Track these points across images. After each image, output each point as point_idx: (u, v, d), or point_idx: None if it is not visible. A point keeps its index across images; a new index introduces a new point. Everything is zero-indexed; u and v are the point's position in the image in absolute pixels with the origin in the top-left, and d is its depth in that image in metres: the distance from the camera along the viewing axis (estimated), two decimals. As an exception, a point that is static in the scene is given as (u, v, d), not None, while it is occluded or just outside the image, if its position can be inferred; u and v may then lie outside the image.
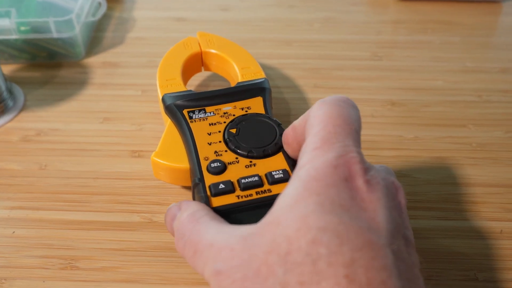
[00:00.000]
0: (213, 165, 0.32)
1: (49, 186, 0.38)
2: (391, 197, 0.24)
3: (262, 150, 0.32)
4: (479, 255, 0.32)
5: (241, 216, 0.29)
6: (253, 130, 0.34)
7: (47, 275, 0.32)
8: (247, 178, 0.31)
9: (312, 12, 0.59)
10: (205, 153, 0.33)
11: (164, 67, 0.41)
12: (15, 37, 0.48)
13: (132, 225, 0.35)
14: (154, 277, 0.31)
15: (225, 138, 0.34)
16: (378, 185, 0.23)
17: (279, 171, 0.31)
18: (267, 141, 0.33)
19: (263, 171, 0.31)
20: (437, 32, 0.55)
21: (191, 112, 0.36)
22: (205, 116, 0.35)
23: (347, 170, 0.23)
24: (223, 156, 0.33)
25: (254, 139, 0.33)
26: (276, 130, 0.34)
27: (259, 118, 0.35)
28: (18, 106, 0.45)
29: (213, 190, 0.30)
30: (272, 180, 0.31)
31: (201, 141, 0.34)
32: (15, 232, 0.34)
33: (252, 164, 0.32)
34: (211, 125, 0.35)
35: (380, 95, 0.46)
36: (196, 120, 0.35)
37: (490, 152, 0.40)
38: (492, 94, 0.46)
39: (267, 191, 0.30)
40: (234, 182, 0.31)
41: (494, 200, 0.36)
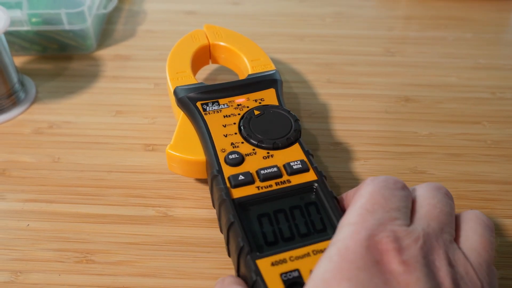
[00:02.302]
0: (231, 157, 0.31)
1: (62, 179, 0.38)
2: (433, 276, 0.22)
3: (281, 141, 0.33)
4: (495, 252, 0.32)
5: (262, 207, 0.29)
6: (270, 121, 0.34)
7: (63, 269, 0.32)
8: (266, 169, 0.31)
9: (323, 7, 0.59)
10: (221, 145, 0.33)
11: (173, 60, 0.41)
12: (26, 28, 0.48)
13: (147, 219, 0.35)
14: (170, 271, 0.31)
15: (241, 129, 0.33)
16: (417, 263, 0.22)
17: (297, 161, 0.31)
18: (284, 132, 0.33)
19: (281, 162, 0.31)
20: (449, 28, 0.55)
21: (205, 104, 0.36)
22: (219, 108, 0.35)
23: (378, 252, 0.22)
24: (240, 147, 0.32)
25: (271, 131, 0.33)
26: (291, 122, 0.34)
27: (276, 110, 0.35)
28: (29, 98, 0.45)
29: (233, 181, 0.30)
30: (291, 171, 0.31)
31: (216, 133, 0.33)
32: (29, 225, 0.34)
33: (270, 155, 0.32)
34: (225, 117, 0.35)
35: (393, 91, 0.46)
36: (210, 113, 0.35)
37: (505, 150, 0.40)
38: (505, 91, 0.46)
39: (287, 181, 0.30)
40: (253, 173, 0.31)
41: (509, 198, 0.36)
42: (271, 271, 0.26)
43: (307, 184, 0.30)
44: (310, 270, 0.26)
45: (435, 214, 0.25)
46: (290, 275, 0.25)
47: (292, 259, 0.26)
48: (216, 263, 0.32)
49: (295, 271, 0.26)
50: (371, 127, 0.42)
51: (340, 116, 0.43)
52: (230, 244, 0.29)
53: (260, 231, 0.28)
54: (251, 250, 0.26)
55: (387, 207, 0.24)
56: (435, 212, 0.25)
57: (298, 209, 0.29)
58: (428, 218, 0.25)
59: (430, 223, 0.24)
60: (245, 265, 0.26)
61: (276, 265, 0.26)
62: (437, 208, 0.25)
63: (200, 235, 0.33)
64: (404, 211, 0.25)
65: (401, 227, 0.23)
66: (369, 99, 0.45)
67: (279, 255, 0.26)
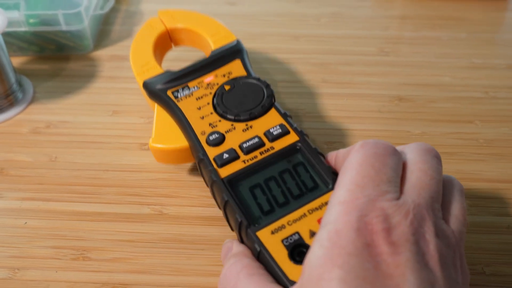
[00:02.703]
0: (212, 138, 0.32)
1: (59, 177, 0.38)
2: (422, 253, 0.22)
3: (257, 110, 0.33)
4: (486, 249, 0.33)
5: (252, 179, 0.30)
6: (242, 93, 0.34)
7: (60, 265, 0.32)
8: (248, 141, 0.31)
9: (319, 7, 0.59)
10: (200, 128, 0.33)
11: (136, 54, 0.41)
12: (24, 29, 0.48)
13: (142, 217, 0.35)
14: (165, 268, 0.32)
15: (216, 108, 0.34)
16: (406, 243, 0.22)
17: (276, 126, 0.32)
18: (258, 100, 0.34)
19: (261, 131, 0.32)
20: (444, 28, 0.55)
21: (175, 92, 0.36)
22: (190, 93, 0.35)
23: (368, 233, 0.22)
24: (219, 126, 0.33)
25: (245, 102, 0.34)
26: (263, 89, 0.34)
27: (245, 80, 0.35)
28: (27, 98, 0.45)
29: (219, 161, 0.30)
30: (272, 137, 0.31)
31: (193, 118, 0.34)
32: (27, 222, 0.35)
33: (249, 127, 0.32)
34: (198, 100, 0.35)
35: (387, 91, 0.46)
36: (182, 99, 0.35)
37: (497, 148, 0.40)
38: (499, 90, 0.46)
39: (270, 148, 0.31)
40: (236, 149, 0.31)
41: (501, 196, 0.37)
42: (272, 240, 0.26)
43: (291, 147, 0.31)
44: (309, 230, 0.27)
45: (426, 182, 0.25)
46: (291, 239, 0.26)
47: (290, 223, 0.27)
48: (211, 260, 0.32)
49: (295, 234, 0.26)
50: (365, 126, 0.42)
51: (334, 115, 0.44)
52: (229, 220, 0.29)
53: (255, 203, 0.29)
54: (249, 224, 0.27)
55: (377, 180, 0.24)
56: (426, 179, 0.25)
57: (287, 172, 0.30)
58: (418, 187, 0.24)
59: (421, 193, 0.24)
60: (247, 238, 0.27)
61: (276, 233, 0.27)
62: (428, 175, 0.25)
63: (195, 232, 0.34)
64: (395, 181, 0.24)
65: (391, 202, 0.23)
66: (363, 99, 0.45)
67: (277, 222, 0.27)
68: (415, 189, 0.24)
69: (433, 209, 0.24)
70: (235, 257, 0.27)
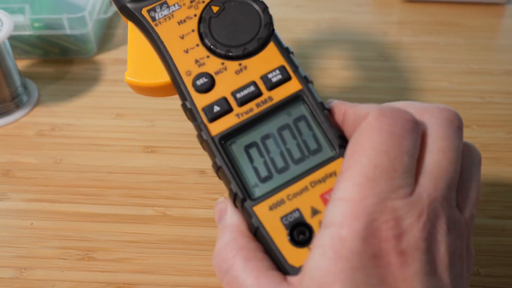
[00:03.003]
0: (200, 82, 0.27)
1: (64, 179, 0.39)
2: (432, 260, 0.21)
3: (252, 44, 0.27)
4: (482, 251, 0.34)
5: (247, 138, 0.26)
6: (233, 18, 0.28)
7: (65, 266, 0.33)
8: (242, 90, 0.26)
9: (318, 12, 0.60)
10: (185, 66, 0.27)
11: None
12: (29, 33, 0.49)
13: (146, 218, 0.36)
14: (169, 268, 0.33)
15: (203, 38, 0.27)
16: (416, 251, 0.20)
17: (276, 70, 0.26)
18: (253, 30, 0.27)
19: (258, 74, 0.27)
20: (441, 33, 0.56)
21: (152, 11, 0.28)
22: (170, 13, 0.28)
23: (377, 242, 0.20)
24: (207, 65, 0.27)
25: (237, 31, 0.28)
26: (259, 13, 0.28)
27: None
28: (32, 101, 0.46)
29: (209, 114, 0.26)
30: (271, 85, 0.26)
31: (175, 50, 0.27)
32: (33, 223, 0.36)
33: (243, 67, 0.27)
34: (180, 24, 0.28)
35: (386, 95, 0.47)
36: (161, 21, 0.28)
37: (493, 152, 0.41)
38: (495, 95, 0.47)
39: (268, 99, 0.26)
40: (228, 98, 0.26)
41: (496, 199, 0.37)
42: (271, 217, 0.24)
43: (292, 97, 0.26)
44: (311, 207, 0.24)
45: (445, 166, 0.22)
46: (290, 217, 0.24)
47: (290, 198, 0.24)
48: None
49: (295, 211, 0.24)
50: (364, 130, 0.43)
51: (334, 119, 0.44)
52: (222, 181, 0.26)
53: (251, 167, 0.25)
54: (245, 197, 0.24)
55: (391, 171, 0.21)
56: (445, 163, 0.22)
57: (287, 129, 0.26)
58: (436, 175, 0.22)
59: (438, 183, 0.21)
60: (243, 211, 0.25)
61: (274, 209, 0.24)
62: (448, 157, 0.22)
63: (197, 233, 0.35)
64: (410, 170, 0.21)
65: (404, 200, 0.21)
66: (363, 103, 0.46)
67: (276, 195, 0.24)
68: (431, 178, 0.22)
69: (448, 199, 0.22)
70: (232, 233, 0.24)
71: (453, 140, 0.22)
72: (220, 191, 0.37)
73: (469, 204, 0.23)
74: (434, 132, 0.23)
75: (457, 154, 0.22)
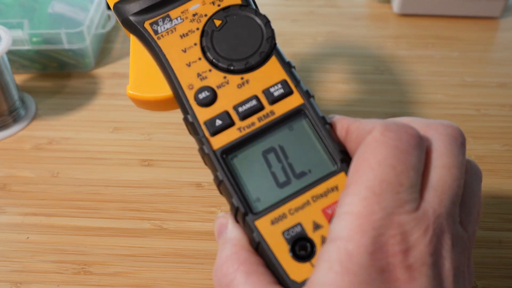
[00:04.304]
0: (202, 96, 0.27)
1: (61, 193, 0.39)
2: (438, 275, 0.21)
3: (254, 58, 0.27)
4: (479, 263, 0.34)
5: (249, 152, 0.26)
6: (236, 32, 0.28)
7: (61, 280, 0.33)
8: (244, 104, 0.26)
9: (315, 26, 0.61)
10: (187, 79, 0.27)
11: None
12: (27, 47, 0.50)
13: (143, 231, 0.36)
14: (165, 282, 0.33)
15: (205, 52, 0.28)
16: (423, 267, 0.20)
17: (278, 84, 0.27)
18: (255, 44, 0.28)
19: (260, 88, 0.27)
20: (436, 47, 0.57)
21: (154, 24, 0.29)
22: (172, 27, 0.28)
23: (384, 257, 0.20)
24: (209, 78, 0.27)
25: (239, 45, 0.28)
26: (261, 27, 0.28)
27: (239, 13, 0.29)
28: (30, 115, 0.46)
29: (211, 128, 0.26)
30: (273, 99, 0.26)
31: (178, 64, 0.28)
32: (29, 237, 0.35)
33: (245, 81, 0.27)
34: (183, 37, 0.28)
35: (382, 108, 0.48)
36: (163, 35, 0.28)
37: (488, 165, 0.41)
38: (490, 108, 0.48)
39: (270, 113, 0.26)
40: (230, 112, 0.26)
41: (493, 211, 0.37)
42: (272, 231, 0.24)
43: (294, 111, 0.26)
44: (313, 221, 0.24)
45: (449, 183, 0.22)
46: (292, 231, 0.24)
47: (292, 212, 0.24)
48: (209, 274, 0.33)
49: (297, 226, 0.24)
50: (360, 143, 0.43)
51: (330, 132, 0.45)
52: (223, 195, 0.26)
53: (252, 181, 0.25)
54: (247, 212, 0.24)
55: (397, 186, 0.21)
56: (450, 180, 0.22)
57: (289, 144, 0.26)
58: (440, 191, 0.22)
59: (443, 199, 0.22)
60: (244, 225, 0.25)
61: (276, 223, 0.24)
62: (452, 174, 0.22)
63: (194, 247, 0.35)
64: (416, 184, 0.22)
65: (410, 215, 0.21)
66: (360, 116, 0.46)
67: (277, 210, 0.24)
68: (436, 193, 0.22)
69: (453, 215, 0.22)
70: (232, 247, 0.24)
71: (457, 156, 0.23)
72: (216, 204, 0.38)
73: (471, 220, 0.23)
74: (438, 148, 0.23)
75: (461, 171, 0.23)
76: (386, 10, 0.63)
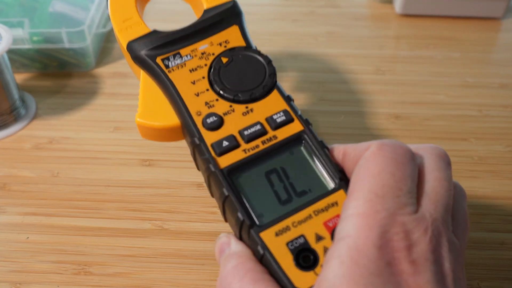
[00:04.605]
0: (209, 120, 0.29)
1: (61, 193, 0.39)
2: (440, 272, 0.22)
3: (258, 91, 0.30)
4: (481, 265, 0.33)
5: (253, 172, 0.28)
6: (241, 68, 0.31)
7: (61, 280, 0.33)
8: (249, 128, 0.29)
9: (315, 26, 0.61)
10: (196, 107, 0.29)
11: (115, 5, 0.34)
12: (27, 46, 0.49)
13: (143, 232, 0.36)
14: (165, 283, 0.32)
15: (213, 84, 0.30)
16: (426, 262, 0.22)
17: (280, 113, 0.29)
18: (259, 79, 0.31)
19: (263, 116, 0.29)
20: (438, 47, 0.57)
21: (166, 59, 0.31)
22: (182, 62, 0.31)
23: (390, 252, 0.22)
24: (216, 106, 0.30)
25: (244, 80, 0.30)
26: (264, 65, 0.31)
27: (244, 53, 0.32)
28: (30, 115, 0.46)
29: (217, 149, 0.28)
30: (275, 125, 0.29)
31: (187, 94, 0.30)
32: (29, 237, 0.35)
33: (249, 110, 0.29)
34: (192, 72, 0.31)
35: (384, 109, 0.47)
36: (174, 69, 0.31)
37: (491, 165, 0.41)
38: (491, 108, 0.48)
39: (273, 138, 0.28)
40: (236, 135, 0.28)
41: (495, 212, 0.37)
42: (277, 242, 0.25)
43: (295, 136, 0.29)
44: (315, 233, 0.25)
45: (441, 193, 0.24)
46: (296, 242, 0.25)
47: (295, 225, 0.25)
48: (211, 275, 0.33)
49: (301, 237, 0.25)
50: (362, 143, 0.43)
51: (331, 132, 0.44)
52: (227, 215, 0.28)
53: (256, 198, 0.27)
54: (252, 224, 0.25)
55: (397, 191, 0.23)
56: (442, 191, 0.24)
57: (291, 166, 0.28)
58: (434, 199, 0.24)
59: (437, 206, 0.24)
60: (249, 239, 0.26)
61: (280, 235, 0.25)
62: (443, 186, 0.25)
63: (195, 247, 0.34)
64: (413, 191, 0.24)
65: (410, 216, 0.23)
66: (360, 117, 0.46)
67: (281, 223, 0.25)
68: (431, 201, 0.24)
69: (447, 222, 0.24)
70: (237, 258, 0.25)
71: (445, 171, 0.25)
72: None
73: (461, 233, 0.25)
74: (428, 165, 0.25)
75: (450, 184, 0.25)
76: (387, 11, 0.63)
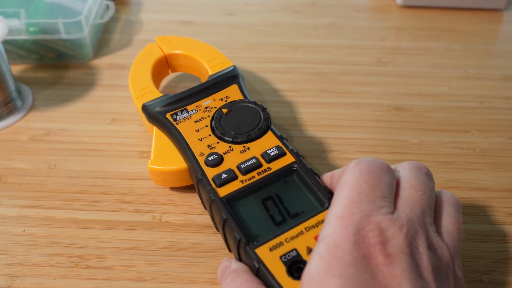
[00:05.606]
0: (210, 158, 0.33)
1: (58, 185, 0.38)
2: (417, 264, 0.23)
3: (254, 132, 0.34)
4: (484, 257, 0.33)
5: (250, 199, 0.31)
6: (239, 116, 0.36)
7: (58, 273, 0.32)
8: (246, 162, 0.32)
9: (316, 18, 0.60)
10: (199, 150, 0.34)
11: (134, 78, 0.41)
12: (24, 37, 0.49)
13: (141, 224, 0.35)
14: (164, 276, 0.32)
15: (214, 130, 0.35)
16: (401, 254, 0.23)
17: (273, 148, 0.33)
18: (255, 123, 0.35)
19: (259, 152, 0.33)
20: (440, 39, 0.56)
21: (174, 114, 0.37)
22: (188, 115, 0.36)
23: (365, 246, 0.23)
24: (217, 148, 0.34)
25: (242, 125, 0.35)
26: (259, 112, 0.36)
27: (242, 104, 0.37)
28: (26, 106, 0.45)
29: (218, 181, 0.31)
30: (269, 158, 0.32)
31: (192, 139, 0.35)
32: (25, 230, 0.35)
33: (246, 148, 0.33)
34: (196, 122, 0.36)
35: (385, 100, 0.47)
36: (181, 121, 0.36)
37: (493, 158, 0.41)
38: (494, 100, 0.47)
39: (267, 169, 0.32)
40: (234, 169, 0.32)
41: (497, 204, 0.37)
42: (271, 256, 0.27)
43: (287, 167, 0.32)
44: (307, 247, 0.27)
45: (417, 197, 0.26)
46: (289, 255, 0.27)
47: (288, 240, 0.28)
48: (209, 267, 0.32)
49: (293, 250, 0.27)
50: (363, 135, 0.43)
51: (332, 124, 0.44)
52: (227, 240, 0.30)
53: (253, 221, 0.29)
54: (248, 241, 0.28)
55: (373, 196, 0.25)
56: (417, 195, 0.26)
57: (284, 192, 0.31)
58: (410, 202, 0.26)
59: (413, 208, 0.26)
60: (246, 255, 0.28)
61: (274, 250, 0.27)
62: (419, 191, 0.26)
63: (194, 240, 0.34)
64: (389, 196, 0.26)
65: (386, 216, 0.24)
66: (361, 108, 0.46)
67: (275, 239, 0.28)
68: (407, 204, 0.26)
69: (425, 223, 0.25)
70: (234, 273, 0.27)
71: (422, 179, 0.27)
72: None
73: (448, 234, 0.26)
74: (405, 176, 0.27)
75: (427, 189, 0.27)
76: (388, 2, 0.63)
